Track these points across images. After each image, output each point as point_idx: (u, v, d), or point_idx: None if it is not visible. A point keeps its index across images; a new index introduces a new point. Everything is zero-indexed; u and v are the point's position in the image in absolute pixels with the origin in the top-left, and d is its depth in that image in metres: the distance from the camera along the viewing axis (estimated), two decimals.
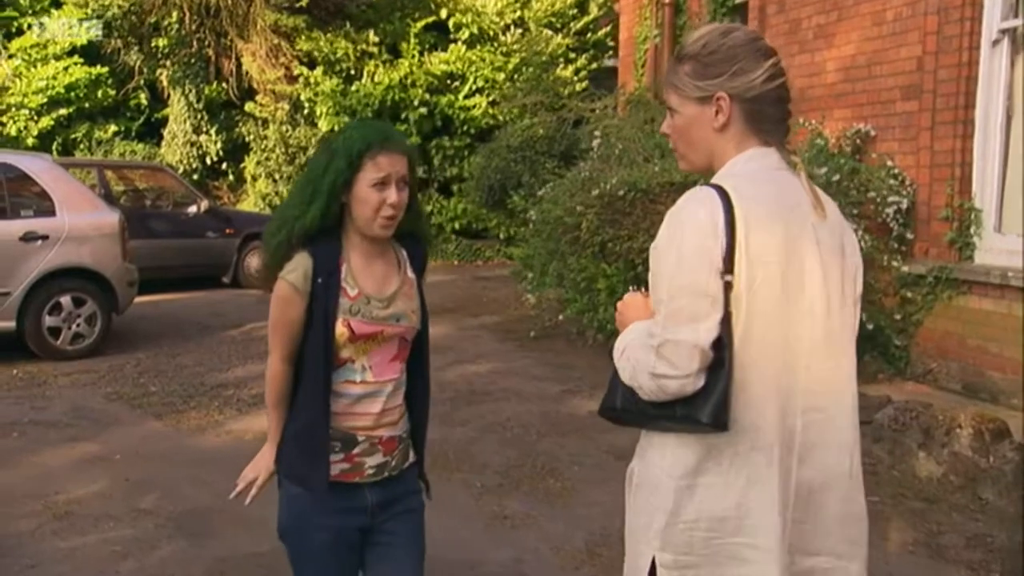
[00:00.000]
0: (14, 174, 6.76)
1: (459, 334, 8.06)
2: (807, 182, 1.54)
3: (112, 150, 13.40)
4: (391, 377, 1.99)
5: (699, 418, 1.43)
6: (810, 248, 1.49)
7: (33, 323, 6.72)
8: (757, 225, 1.44)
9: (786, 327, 1.47)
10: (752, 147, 1.53)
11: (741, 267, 1.42)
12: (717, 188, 1.46)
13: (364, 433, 1.96)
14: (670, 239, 1.47)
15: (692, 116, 1.55)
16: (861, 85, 6.36)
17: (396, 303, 1.98)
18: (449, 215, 13.28)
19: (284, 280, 1.91)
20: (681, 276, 1.43)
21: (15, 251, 6.57)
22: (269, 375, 1.99)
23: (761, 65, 1.51)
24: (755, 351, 1.45)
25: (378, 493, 1.99)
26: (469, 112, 12.63)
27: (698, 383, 1.42)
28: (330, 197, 1.89)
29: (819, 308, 1.50)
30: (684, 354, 1.41)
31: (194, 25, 12.54)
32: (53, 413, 5.45)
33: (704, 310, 1.42)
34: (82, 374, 6.46)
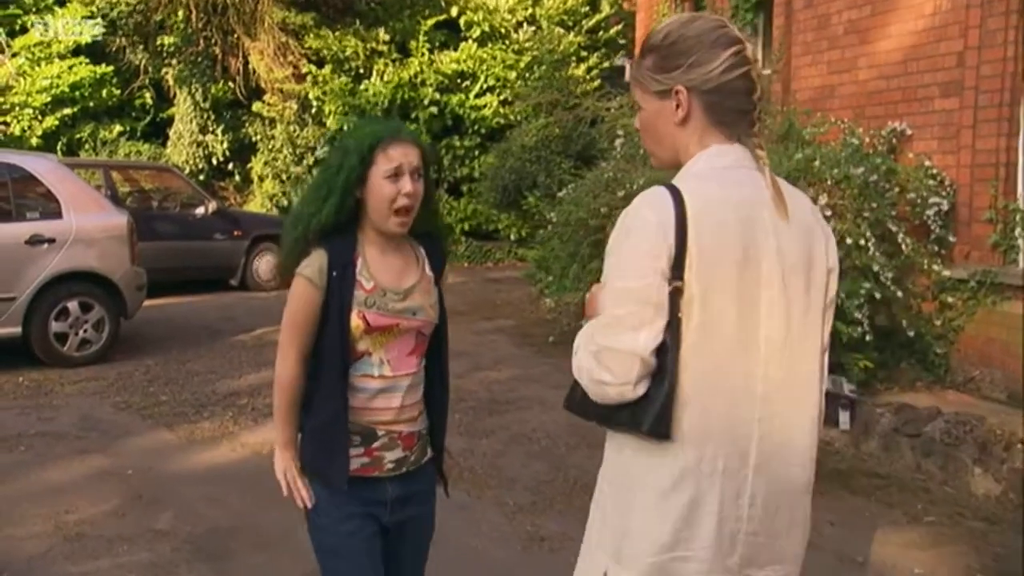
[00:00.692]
0: (19, 175, 6.54)
1: (475, 339, 7.85)
2: (771, 180, 1.46)
3: (117, 150, 13.19)
4: (409, 371, 1.98)
5: (640, 427, 1.40)
6: (768, 251, 1.43)
7: (39, 329, 6.51)
8: (711, 228, 1.38)
9: (741, 334, 1.41)
10: (714, 143, 1.47)
11: (692, 272, 1.37)
12: (671, 189, 1.40)
13: (384, 427, 1.96)
14: (618, 241, 1.42)
15: (654, 111, 1.50)
16: (896, 82, 6.13)
17: (413, 297, 1.97)
18: (459, 216, 13.08)
19: (300, 275, 1.92)
20: (624, 281, 1.40)
21: (21, 255, 6.36)
22: (281, 378, 1.97)
23: (719, 55, 1.43)
24: (708, 358, 1.40)
25: (398, 487, 2.00)
26: (480, 111, 12.42)
27: (639, 391, 1.38)
28: (344, 193, 1.90)
29: (777, 314, 1.44)
30: (623, 362, 1.38)
31: (201, 23, 12.33)
32: (61, 424, 5.24)
33: (647, 317, 1.37)
34: (90, 382, 6.25)
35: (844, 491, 4.20)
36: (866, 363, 5.41)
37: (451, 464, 2.27)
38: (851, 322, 5.26)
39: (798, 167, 5.47)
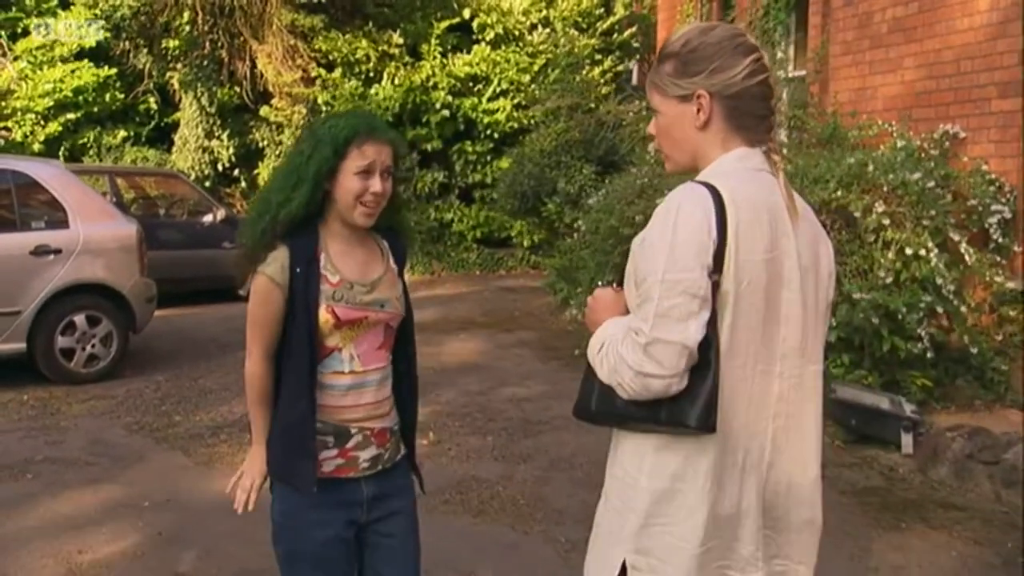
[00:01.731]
0: (23, 182, 6.23)
1: (497, 352, 7.53)
2: (785, 184, 1.52)
3: (122, 156, 12.85)
4: (378, 366, 1.98)
5: (686, 421, 1.42)
6: (789, 252, 1.48)
7: (44, 344, 6.18)
8: (746, 227, 1.43)
9: (765, 332, 1.46)
10: (738, 146, 1.51)
11: (730, 269, 1.41)
12: (708, 186, 1.44)
13: (356, 425, 1.94)
14: (663, 235, 1.43)
15: (674, 115, 1.54)
16: (947, 82, 5.84)
17: (380, 289, 1.97)
18: (470, 223, 12.75)
19: (262, 274, 1.89)
20: (674, 273, 1.40)
21: (26, 266, 6.04)
22: (248, 375, 1.95)
23: (741, 62, 1.49)
24: (735, 354, 1.44)
25: (373, 487, 1.98)
26: (493, 115, 12.11)
27: (683, 383, 1.41)
28: (315, 184, 1.88)
29: (795, 314, 1.49)
30: (673, 353, 1.39)
31: (207, 26, 12.00)
32: (70, 448, 4.91)
33: (694, 309, 1.40)
34: (98, 400, 5.92)
35: (922, 524, 3.88)
36: (924, 381, 5.11)
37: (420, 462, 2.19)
38: (909, 337, 4.96)
39: (850, 172, 5.18)
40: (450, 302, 10.24)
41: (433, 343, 7.92)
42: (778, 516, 1.51)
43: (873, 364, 5.10)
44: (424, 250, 12.78)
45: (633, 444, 1.52)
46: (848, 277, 4.98)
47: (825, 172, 5.23)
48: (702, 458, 1.45)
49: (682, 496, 1.46)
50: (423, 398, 2.23)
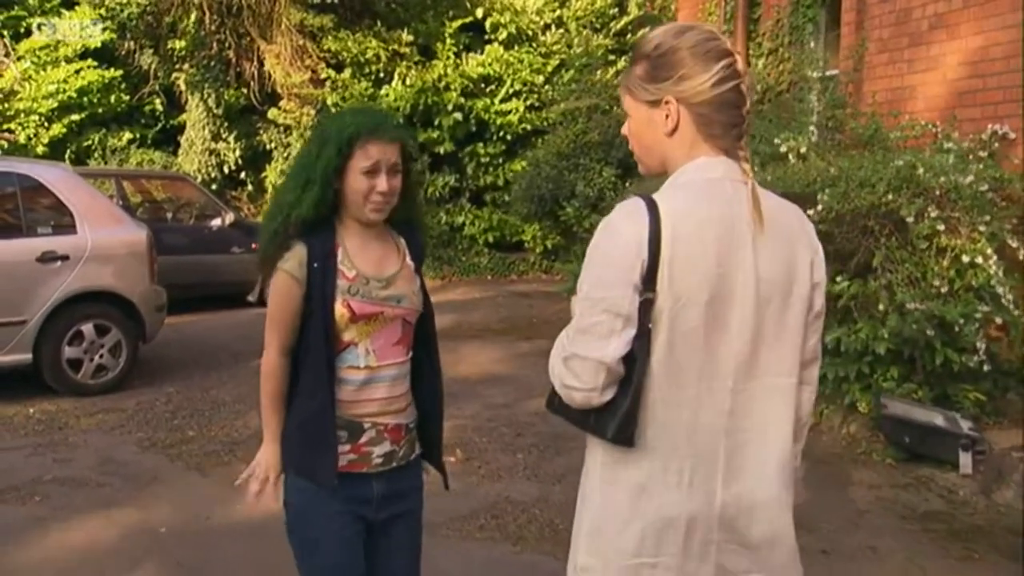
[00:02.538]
0: (29, 185, 5.98)
1: (518, 361, 7.28)
2: (752, 193, 1.46)
3: (128, 158, 12.59)
4: (395, 361, 1.98)
5: (604, 434, 1.43)
6: (744, 267, 1.44)
7: (51, 355, 5.92)
8: (684, 243, 1.40)
9: (710, 347, 1.43)
10: (702, 154, 1.48)
11: (664, 284, 1.40)
12: (648, 201, 1.43)
13: (369, 420, 1.95)
14: (593, 251, 1.45)
15: (644, 120, 1.52)
16: (995, 80, 5.58)
17: (396, 284, 1.98)
18: (482, 226, 12.50)
19: (281, 270, 1.90)
20: (596, 291, 1.41)
21: (32, 274, 5.79)
22: (265, 369, 1.96)
23: (710, 69, 1.45)
24: (676, 370, 1.42)
25: (384, 484, 1.98)
26: (506, 117, 11.86)
27: (605, 397, 1.42)
28: (324, 184, 1.89)
29: (748, 329, 1.45)
30: (590, 369, 1.41)
31: (214, 25, 11.75)
32: (79, 467, 4.66)
33: (616, 327, 1.40)
34: (108, 414, 5.67)
35: (995, 554, 3.63)
36: (977, 395, 4.86)
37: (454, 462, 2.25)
38: (962, 349, 4.71)
39: (899, 175, 4.92)
40: (464, 308, 9.99)
41: (450, 351, 7.65)
42: (743, 533, 1.49)
43: (924, 378, 4.85)
44: (435, 254, 12.53)
45: (590, 448, 1.54)
46: (898, 286, 4.72)
47: (871, 175, 4.98)
48: (636, 471, 1.45)
49: (617, 506, 1.47)
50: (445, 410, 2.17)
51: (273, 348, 1.96)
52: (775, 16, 7.84)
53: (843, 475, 4.56)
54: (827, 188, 4.99)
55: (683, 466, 1.45)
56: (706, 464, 1.45)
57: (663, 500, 1.44)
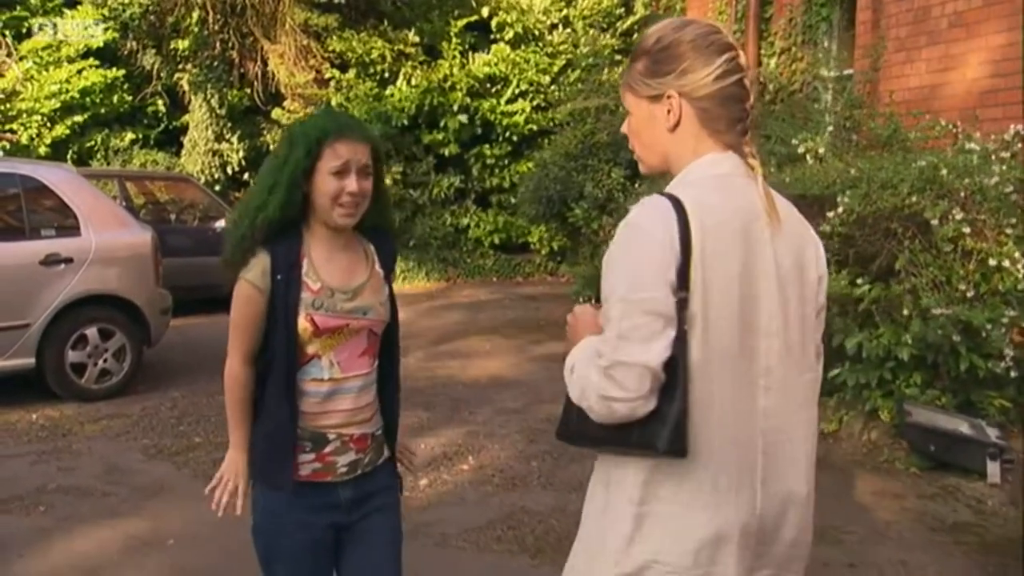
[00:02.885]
0: (32, 187, 5.87)
1: (528, 365, 7.17)
2: (764, 189, 1.45)
3: (131, 159, 12.48)
4: (360, 372, 1.96)
5: (656, 445, 1.36)
6: (766, 262, 1.43)
7: (54, 359, 5.82)
8: (712, 240, 1.38)
9: (743, 345, 1.41)
10: (709, 150, 1.46)
11: (697, 284, 1.36)
12: (671, 199, 1.39)
13: (335, 431, 1.93)
14: (623, 252, 1.40)
15: (645, 116, 1.49)
16: (1016, 79, 5.49)
17: (363, 295, 1.95)
18: (487, 228, 12.39)
19: (244, 279, 1.87)
20: (634, 293, 1.36)
21: (35, 277, 5.68)
22: (228, 378, 1.93)
23: (713, 62, 1.43)
24: (712, 371, 1.39)
25: (352, 490, 1.97)
26: (511, 118, 11.74)
27: (649, 405, 1.36)
28: (291, 186, 1.86)
29: (776, 325, 1.44)
30: (635, 376, 1.34)
31: (217, 25, 11.64)
32: (84, 475, 4.55)
33: (657, 329, 1.34)
34: (112, 420, 5.56)
35: None
36: (1002, 402, 4.75)
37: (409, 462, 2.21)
38: (988, 355, 4.60)
39: (922, 176, 4.81)
40: (470, 310, 9.89)
41: (459, 355, 7.57)
42: (771, 531, 1.47)
43: (948, 384, 4.74)
44: (439, 256, 12.44)
45: (615, 467, 1.47)
46: (923, 290, 4.61)
47: (893, 176, 4.87)
48: (683, 480, 1.40)
49: (666, 520, 1.41)
50: (455, 415, 2.21)
51: (236, 356, 1.93)
52: (788, 15, 7.73)
53: (866, 484, 4.45)
54: (848, 190, 4.88)
55: (730, 472, 1.41)
56: (747, 466, 1.43)
57: (716, 511, 1.40)
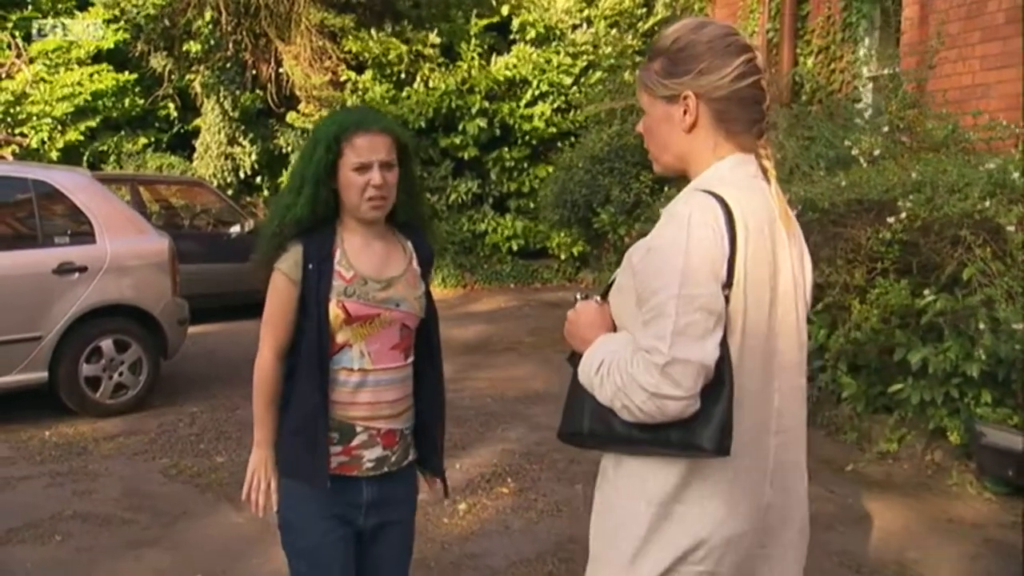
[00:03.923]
0: (46, 192, 5.61)
1: (557, 378, 6.87)
2: (778, 192, 1.48)
3: (144, 163, 12.24)
4: (391, 365, 1.95)
5: (700, 444, 1.34)
6: (785, 263, 1.45)
7: (68, 373, 5.55)
8: (754, 238, 1.38)
9: (768, 345, 1.42)
10: (729, 152, 1.46)
11: (740, 282, 1.36)
12: (716, 196, 1.38)
13: (362, 423, 1.93)
14: (675, 246, 1.35)
15: (660, 116, 1.49)
16: None
17: (396, 287, 1.95)
18: (505, 234, 12.10)
19: (277, 270, 1.90)
20: (690, 288, 1.33)
21: (48, 286, 5.41)
22: (258, 371, 1.93)
23: (731, 63, 1.43)
24: (745, 371, 1.39)
25: (375, 490, 1.96)
26: (531, 122, 11.46)
27: (697, 404, 1.33)
28: (316, 185, 1.87)
29: (789, 326, 1.46)
30: (692, 374, 1.31)
31: (230, 26, 11.39)
32: (102, 500, 4.27)
33: (710, 327, 1.33)
34: (129, 437, 5.29)
35: None
36: None
37: None
38: None
39: (991, 180, 4.52)
40: (492, 319, 9.62)
41: (484, 367, 7.29)
42: (776, 529, 1.48)
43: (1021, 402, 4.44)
44: (456, 262, 12.17)
45: (632, 465, 1.45)
46: (997, 301, 4.32)
47: (959, 179, 4.58)
48: (706, 479, 1.40)
49: (683, 520, 1.40)
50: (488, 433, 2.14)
51: (268, 348, 1.94)
52: (825, 12, 7.45)
53: (937, 510, 4.16)
54: (911, 194, 4.59)
55: (750, 471, 1.42)
56: (761, 465, 1.44)
57: (732, 507, 1.41)
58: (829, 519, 4.03)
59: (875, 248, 4.72)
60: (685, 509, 1.40)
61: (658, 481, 1.41)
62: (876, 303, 4.67)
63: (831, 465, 4.78)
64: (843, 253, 4.86)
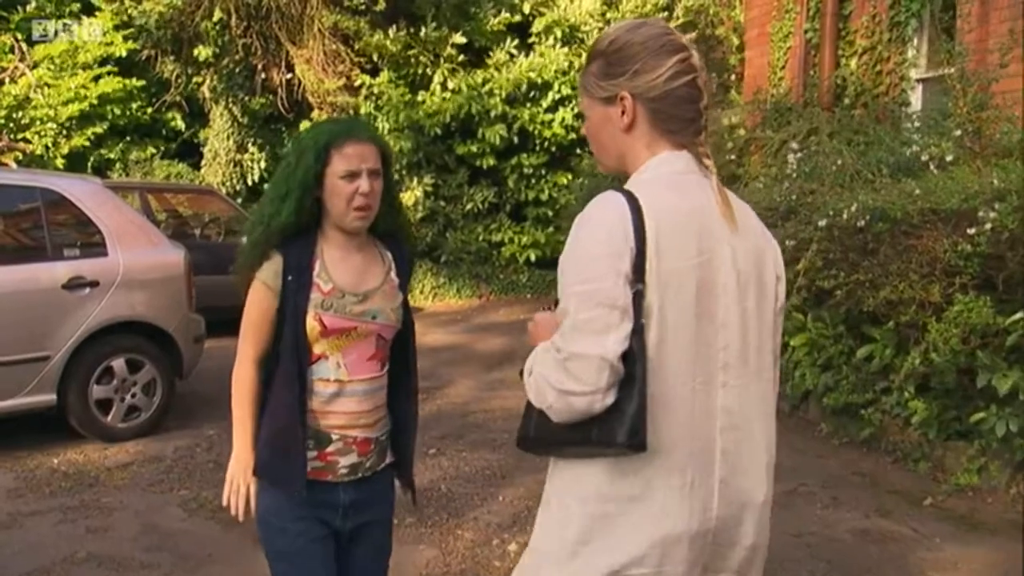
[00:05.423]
0: (54, 201, 5.24)
1: None
2: (718, 187, 1.48)
3: (151, 171, 11.88)
4: (367, 376, 1.98)
5: (615, 439, 1.34)
6: (723, 259, 1.43)
7: (78, 395, 5.18)
8: (668, 233, 1.38)
9: (700, 342, 1.41)
10: (664, 149, 1.48)
11: (652, 276, 1.36)
12: (625, 193, 1.41)
13: (338, 432, 1.96)
14: (576, 245, 1.40)
15: (600, 118, 1.51)
16: None
17: (373, 299, 1.98)
18: (522, 243, 11.74)
19: (257, 280, 1.92)
20: (588, 285, 1.35)
21: (57, 302, 5.04)
22: (237, 378, 1.96)
23: (664, 63, 1.44)
24: (668, 366, 1.38)
25: (352, 493, 2.00)
26: (551, 127, 11.10)
27: (608, 399, 1.34)
28: (302, 192, 1.90)
29: (734, 322, 1.44)
30: (592, 368, 1.32)
31: (239, 29, 11.03)
32: (118, 539, 3.89)
33: (613, 321, 1.33)
34: (143, 465, 4.92)
35: None
36: None
37: None
38: None
39: None
40: (511, 331, 9.24)
41: (511, 383, 6.92)
42: (730, 533, 1.45)
43: None
44: (472, 272, 11.83)
45: (568, 468, 1.45)
46: None
47: None
48: (636, 477, 1.39)
49: (618, 520, 1.39)
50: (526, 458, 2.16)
51: (247, 357, 1.95)
52: (871, 11, 7.10)
53: None
54: (995, 203, 4.24)
55: (684, 469, 1.40)
56: (704, 464, 1.42)
57: (668, 510, 1.39)
58: (920, 564, 3.66)
59: (953, 262, 4.36)
60: (617, 509, 1.39)
61: (589, 481, 1.42)
62: (955, 321, 4.31)
63: (906, 497, 4.42)
64: (917, 267, 4.50)
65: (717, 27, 13.07)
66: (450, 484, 4.64)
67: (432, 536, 3.95)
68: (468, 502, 4.38)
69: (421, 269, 11.66)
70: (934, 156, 4.88)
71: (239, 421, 1.97)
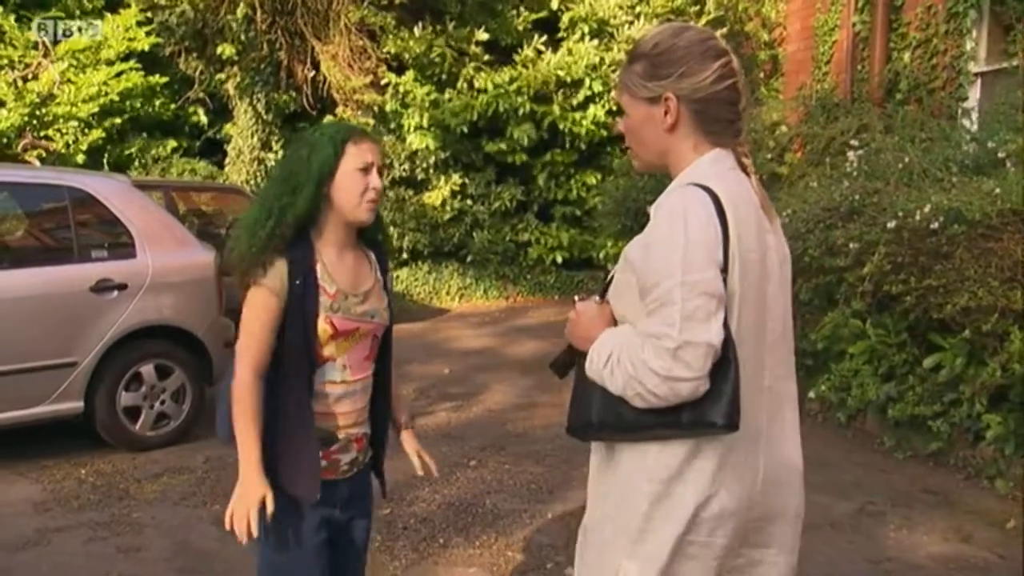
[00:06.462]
0: (82, 200, 5.03)
1: None
2: (758, 184, 1.56)
3: (170, 168, 11.69)
4: (363, 375, 2.03)
5: (712, 420, 1.40)
6: (771, 247, 1.53)
7: (106, 402, 4.97)
8: (743, 225, 1.46)
9: (759, 327, 1.50)
10: (708, 149, 1.54)
11: (734, 266, 1.44)
12: (705, 188, 1.46)
13: (343, 431, 2.00)
14: (673, 237, 1.42)
15: (642, 117, 1.56)
16: None
17: (371, 299, 2.01)
18: (550, 244, 11.48)
19: (262, 285, 1.87)
20: (692, 274, 1.40)
21: (84, 306, 4.83)
22: (239, 389, 1.89)
23: (709, 66, 1.51)
24: (743, 351, 1.44)
25: (348, 488, 2.04)
26: (580, 124, 10.83)
27: (707, 384, 1.40)
28: (318, 183, 1.89)
29: (778, 306, 1.54)
30: (701, 355, 1.38)
31: (264, 25, 10.83)
32: (151, 561, 3.67)
33: (713, 310, 1.40)
34: (174, 476, 4.70)
35: None
36: None
37: None
38: None
39: None
40: (543, 334, 8.99)
41: (549, 390, 6.65)
42: (772, 505, 1.53)
43: None
44: (499, 273, 11.60)
45: (635, 452, 1.50)
46: None
47: None
48: (706, 456, 1.45)
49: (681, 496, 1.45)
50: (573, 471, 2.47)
51: (247, 367, 1.88)
52: (925, 2, 6.79)
53: None
54: None
55: (743, 446, 1.47)
56: (753, 444, 1.49)
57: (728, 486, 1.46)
58: None
59: None
60: (683, 488, 1.45)
61: (660, 460, 1.47)
62: None
63: (985, 518, 4.12)
64: (997, 272, 4.21)
65: (746, 23, 12.78)
66: (495, 499, 4.39)
67: (482, 558, 3.70)
68: (516, 519, 4.13)
69: (448, 269, 11.45)
70: (1012, 153, 4.58)
71: (245, 438, 1.87)
